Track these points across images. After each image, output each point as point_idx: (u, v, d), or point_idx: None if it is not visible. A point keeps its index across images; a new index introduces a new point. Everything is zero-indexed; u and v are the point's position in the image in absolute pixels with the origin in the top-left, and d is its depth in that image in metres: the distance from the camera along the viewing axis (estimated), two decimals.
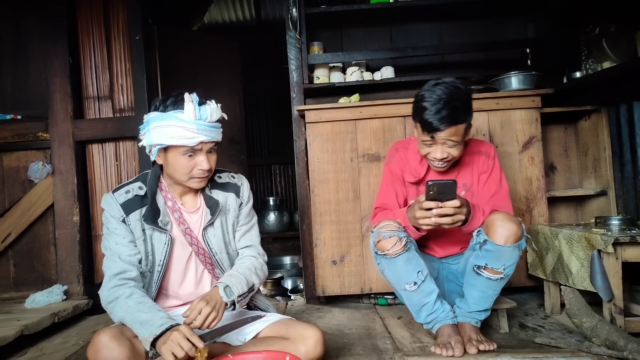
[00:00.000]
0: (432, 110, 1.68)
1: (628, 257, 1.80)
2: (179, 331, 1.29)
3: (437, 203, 1.60)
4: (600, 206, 2.58)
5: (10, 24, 2.89)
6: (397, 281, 1.82)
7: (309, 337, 1.47)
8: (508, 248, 1.66)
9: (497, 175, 1.92)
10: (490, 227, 1.69)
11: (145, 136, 1.53)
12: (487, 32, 2.96)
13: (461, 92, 1.72)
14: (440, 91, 1.70)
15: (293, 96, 2.76)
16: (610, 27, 2.45)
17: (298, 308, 2.60)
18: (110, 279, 1.47)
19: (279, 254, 4.78)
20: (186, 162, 1.51)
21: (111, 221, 1.53)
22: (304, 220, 2.73)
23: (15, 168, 2.85)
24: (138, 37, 2.81)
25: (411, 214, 1.72)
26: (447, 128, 1.68)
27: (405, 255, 1.74)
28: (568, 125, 2.76)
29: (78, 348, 2.08)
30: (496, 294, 1.79)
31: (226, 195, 1.68)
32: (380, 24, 2.98)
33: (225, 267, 1.64)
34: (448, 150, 1.75)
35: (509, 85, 2.58)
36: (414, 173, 1.93)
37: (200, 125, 1.48)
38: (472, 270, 1.75)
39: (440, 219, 1.61)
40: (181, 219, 1.60)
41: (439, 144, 1.74)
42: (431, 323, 1.82)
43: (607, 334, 1.67)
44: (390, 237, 1.75)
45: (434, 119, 1.68)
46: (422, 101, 1.73)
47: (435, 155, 1.76)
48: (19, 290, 2.81)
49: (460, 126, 1.71)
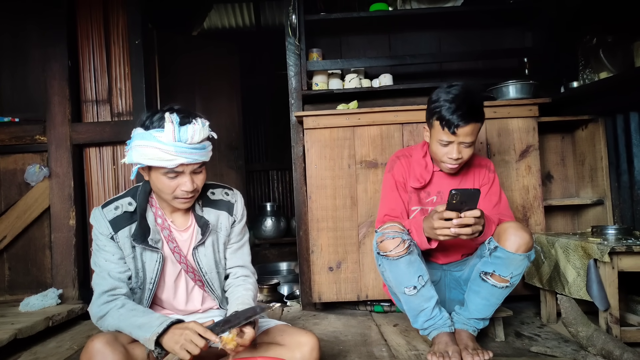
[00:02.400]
0: (452, 107, 1.74)
1: (624, 266, 1.80)
2: (189, 329, 1.28)
3: (457, 213, 1.60)
4: (596, 215, 2.58)
5: (10, 26, 2.90)
6: (397, 284, 1.80)
7: (304, 343, 1.46)
8: (519, 256, 1.67)
9: (497, 187, 1.98)
10: (502, 235, 1.70)
11: (128, 153, 1.47)
12: (485, 40, 2.98)
13: (475, 91, 1.82)
14: (457, 91, 1.77)
15: (291, 102, 2.77)
16: (608, 37, 2.47)
17: (294, 314, 2.59)
18: (100, 296, 1.45)
19: (275, 259, 4.76)
20: (168, 182, 1.45)
21: (100, 238, 1.50)
22: (301, 226, 2.72)
23: (12, 171, 2.85)
24: (137, 41, 2.81)
25: (428, 224, 1.70)
26: (467, 124, 1.74)
27: (408, 258, 1.74)
28: (565, 135, 2.78)
29: (72, 353, 2.06)
30: (498, 303, 1.79)
31: (218, 214, 1.62)
32: (379, 32, 3.00)
33: (215, 286, 1.62)
34: (462, 151, 1.81)
35: (506, 94, 2.59)
36: (419, 178, 1.94)
37: (179, 147, 1.39)
38: (478, 276, 1.76)
39: (460, 229, 1.61)
40: (170, 237, 1.56)
41: (455, 143, 1.79)
42: (428, 329, 1.81)
43: (603, 344, 1.67)
44: (393, 237, 1.74)
45: (455, 115, 1.73)
46: (439, 101, 1.79)
47: (451, 155, 1.80)
48: (13, 294, 2.80)
49: (477, 125, 1.78)
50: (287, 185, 5.93)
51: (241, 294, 1.57)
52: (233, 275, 1.65)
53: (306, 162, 2.57)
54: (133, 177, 1.50)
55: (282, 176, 5.98)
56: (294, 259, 3.95)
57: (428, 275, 1.79)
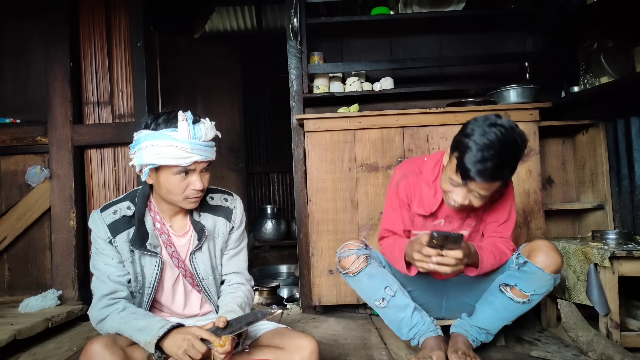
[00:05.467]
0: (477, 157, 1.47)
1: (625, 271, 1.80)
2: (191, 334, 1.28)
3: (438, 251, 1.51)
4: (597, 220, 2.58)
5: (12, 28, 2.90)
6: (367, 298, 1.83)
7: (304, 347, 1.46)
8: (547, 275, 1.64)
9: (509, 203, 1.79)
10: (533, 252, 1.67)
11: (136, 155, 1.46)
12: (487, 45, 2.98)
13: (515, 146, 1.51)
14: (495, 136, 1.47)
15: (292, 105, 2.77)
16: (609, 42, 2.47)
17: (294, 317, 2.59)
18: (100, 299, 1.45)
19: (275, 262, 4.76)
20: (179, 182, 1.45)
21: (99, 242, 1.50)
22: (301, 229, 2.72)
23: (13, 172, 2.85)
24: (139, 43, 2.82)
25: (410, 250, 1.62)
26: (485, 182, 1.50)
27: (367, 272, 1.76)
28: (566, 139, 2.78)
29: (71, 354, 2.06)
30: (508, 319, 1.74)
31: (215, 220, 1.62)
32: (381, 36, 3.01)
33: (212, 292, 1.61)
34: (472, 199, 1.59)
35: (507, 99, 2.59)
36: (426, 207, 1.77)
37: (195, 144, 1.42)
38: (497, 287, 1.72)
39: (440, 267, 1.51)
40: (169, 241, 1.56)
41: (466, 190, 1.58)
42: (415, 338, 1.80)
43: (603, 349, 1.67)
44: (348, 256, 1.78)
45: (474, 168, 1.48)
46: (469, 137, 1.51)
47: (456, 199, 1.61)
48: (13, 295, 2.80)
49: (497, 183, 1.54)
50: (288, 188, 5.93)
51: (227, 301, 1.55)
52: (227, 282, 1.64)
53: (307, 165, 2.57)
54: (144, 178, 1.50)
55: (282, 179, 5.98)
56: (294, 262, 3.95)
57: (397, 284, 1.78)
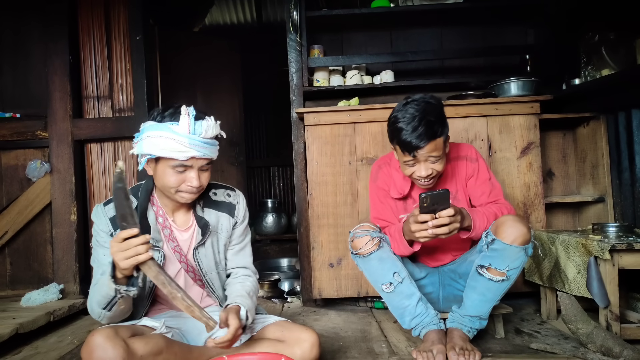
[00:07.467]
0: (409, 129, 1.67)
1: (625, 264, 1.80)
2: (116, 241, 1.27)
3: (432, 215, 1.61)
4: (597, 213, 2.58)
5: (12, 22, 2.90)
6: (374, 281, 1.84)
7: (304, 340, 1.47)
8: (515, 248, 1.66)
9: (485, 175, 1.91)
10: (499, 227, 1.69)
11: (137, 144, 1.48)
12: (487, 37, 2.97)
13: (433, 106, 1.72)
14: (413, 109, 1.70)
15: (292, 99, 2.77)
16: (610, 34, 2.46)
17: (294, 310, 2.60)
18: None
19: (276, 256, 4.78)
20: (175, 176, 1.47)
21: (100, 234, 1.51)
22: (302, 222, 2.73)
23: (13, 166, 2.85)
24: (139, 37, 2.81)
25: (407, 228, 1.71)
26: (427, 144, 1.67)
27: (378, 254, 1.77)
28: (567, 132, 2.77)
29: (73, 347, 2.07)
30: (495, 300, 1.75)
31: (218, 215, 1.63)
32: (381, 28, 2.99)
33: (215, 286, 1.62)
34: (432, 167, 1.74)
35: (508, 91, 2.58)
36: (399, 190, 1.92)
37: (193, 139, 1.43)
38: (475, 271, 1.74)
39: (437, 229, 1.61)
40: (171, 236, 1.57)
41: (421, 162, 1.73)
42: (417, 328, 1.80)
43: (602, 341, 1.67)
44: (362, 236, 1.79)
45: (412, 138, 1.67)
46: (396, 122, 1.72)
47: (420, 174, 1.75)
48: (15, 289, 2.81)
49: (439, 140, 1.70)
50: (288, 182, 5.93)
51: (236, 288, 1.58)
52: (234, 275, 1.66)
53: (307, 159, 2.57)
54: (141, 167, 1.51)
55: (283, 172, 5.98)
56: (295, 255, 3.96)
57: (406, 272, 1.80)
